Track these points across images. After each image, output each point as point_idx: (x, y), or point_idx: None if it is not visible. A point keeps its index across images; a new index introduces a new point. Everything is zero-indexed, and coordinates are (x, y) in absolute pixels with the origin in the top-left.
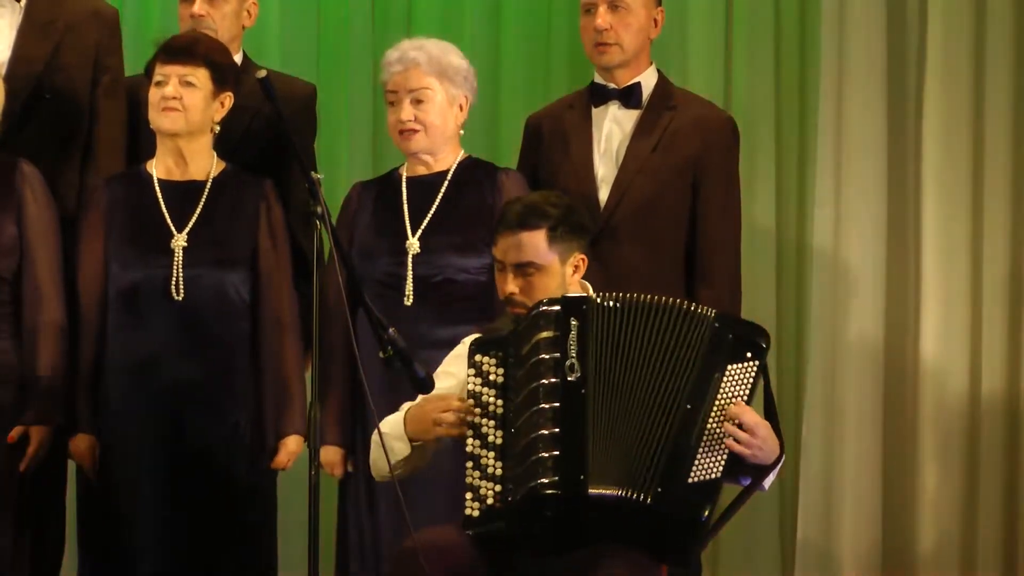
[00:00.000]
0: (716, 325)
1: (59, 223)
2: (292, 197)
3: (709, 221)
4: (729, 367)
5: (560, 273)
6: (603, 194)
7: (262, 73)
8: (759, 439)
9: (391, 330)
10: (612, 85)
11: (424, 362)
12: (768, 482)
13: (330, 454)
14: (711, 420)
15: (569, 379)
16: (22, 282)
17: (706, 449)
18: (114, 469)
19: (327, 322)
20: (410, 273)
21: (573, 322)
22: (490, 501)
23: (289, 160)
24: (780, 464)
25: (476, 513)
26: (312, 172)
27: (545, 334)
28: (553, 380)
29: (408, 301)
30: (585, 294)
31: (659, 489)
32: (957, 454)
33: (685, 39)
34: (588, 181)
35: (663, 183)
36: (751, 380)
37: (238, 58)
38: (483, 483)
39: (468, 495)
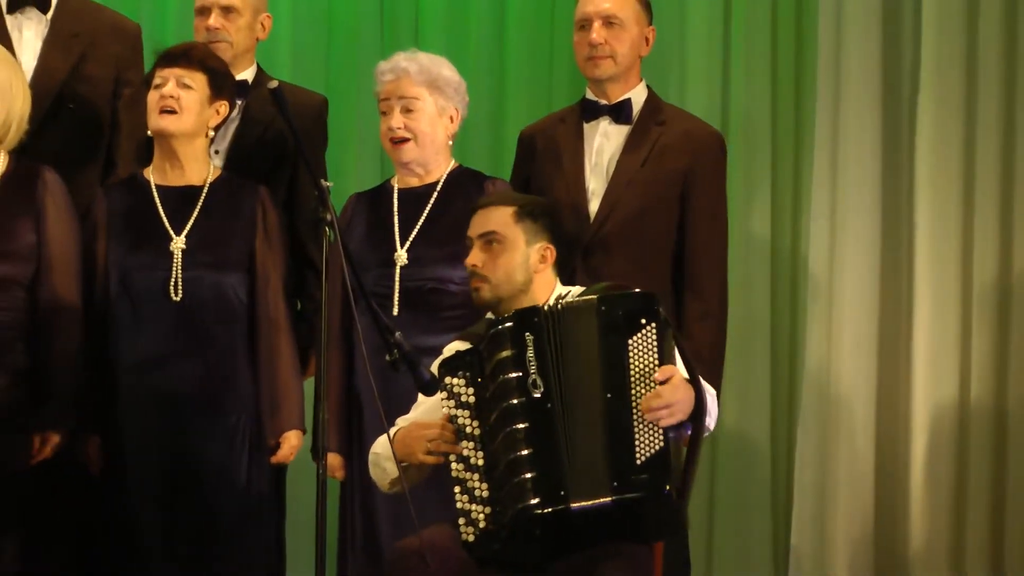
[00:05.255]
0: (602, 308)
1: (79, 232)
2: (302, 206)
3: (697, 232)
4: (629, 342)
5: (524, 254)
6: (593, 206)
7: (274, 84)
8: (673, 403)
9: (397, 333)
10: (603, 101)
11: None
12: (711, 422)
13: (330, 459)
14: (633, 398)
15: (535, 396)
16: (39, 288)
17: (641, 426)
18: (117, 468)
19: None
20: (397, 284)
21: (528, 336)
22: (483, 524)
23: (300, 169)
24: (712, 401)
25: (472, 538)
26: (322, 180)
27: (504, 353)
28: (520, 400)
29: (395, 311)
30: (536, 305)
31: (615, 484)
32: (947, 460)
33: (683, 54)
34: (579, 194)
35: (652, 196)
36: (655, 344)
37: (252, 70)
38: (473, 506)
39: (461, 520)
